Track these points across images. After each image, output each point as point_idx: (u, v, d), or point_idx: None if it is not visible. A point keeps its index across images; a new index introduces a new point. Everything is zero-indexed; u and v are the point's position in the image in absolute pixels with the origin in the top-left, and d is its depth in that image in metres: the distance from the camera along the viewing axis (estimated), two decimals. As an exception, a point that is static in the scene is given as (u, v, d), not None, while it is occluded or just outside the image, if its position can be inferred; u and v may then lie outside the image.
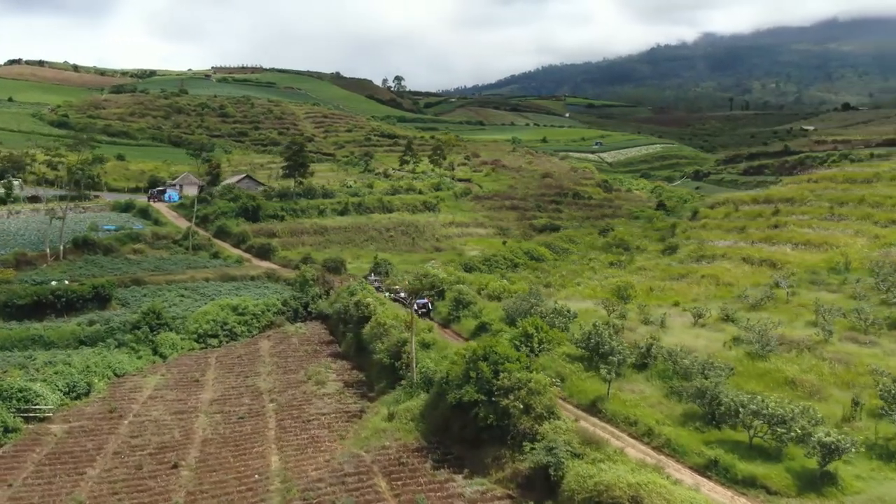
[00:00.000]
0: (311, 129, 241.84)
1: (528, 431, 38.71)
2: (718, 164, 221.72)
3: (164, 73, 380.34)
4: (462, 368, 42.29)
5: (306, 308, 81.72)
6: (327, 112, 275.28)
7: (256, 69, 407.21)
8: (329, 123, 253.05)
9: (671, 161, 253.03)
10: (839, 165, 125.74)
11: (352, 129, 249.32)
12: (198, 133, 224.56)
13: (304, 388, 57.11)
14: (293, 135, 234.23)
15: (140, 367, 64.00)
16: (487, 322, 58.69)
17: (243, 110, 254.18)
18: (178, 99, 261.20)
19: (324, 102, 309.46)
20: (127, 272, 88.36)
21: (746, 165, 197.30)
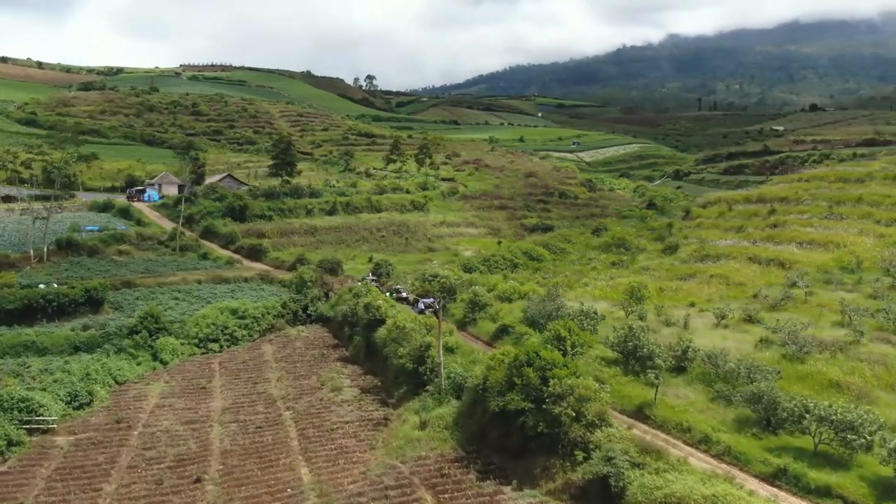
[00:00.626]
0: (286, 128, 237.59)
1: (579, 440, 37.07)
2: (698, 163, 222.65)
3: (131, 70, 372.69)
4: (503, 374, 40.49)
5: (305, 311, 79.24)
6: (302, 111, 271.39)
7: (226, 67, 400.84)
8: (305, 122, 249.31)
9: (649, 161, 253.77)
10: (829, 165, 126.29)
11: (328, 128, 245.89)
12: (171, 132, 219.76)
13: (319, 395, 54.85)
14: (269, 133, 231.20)
15: (141, 374, 61.16)
16: (508, 325, 56.87)
17: (217, 108, 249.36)
18: (150, 97, 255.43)
19: (297, 101, 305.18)
20: (116, 274, 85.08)
21: (727, 165, 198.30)
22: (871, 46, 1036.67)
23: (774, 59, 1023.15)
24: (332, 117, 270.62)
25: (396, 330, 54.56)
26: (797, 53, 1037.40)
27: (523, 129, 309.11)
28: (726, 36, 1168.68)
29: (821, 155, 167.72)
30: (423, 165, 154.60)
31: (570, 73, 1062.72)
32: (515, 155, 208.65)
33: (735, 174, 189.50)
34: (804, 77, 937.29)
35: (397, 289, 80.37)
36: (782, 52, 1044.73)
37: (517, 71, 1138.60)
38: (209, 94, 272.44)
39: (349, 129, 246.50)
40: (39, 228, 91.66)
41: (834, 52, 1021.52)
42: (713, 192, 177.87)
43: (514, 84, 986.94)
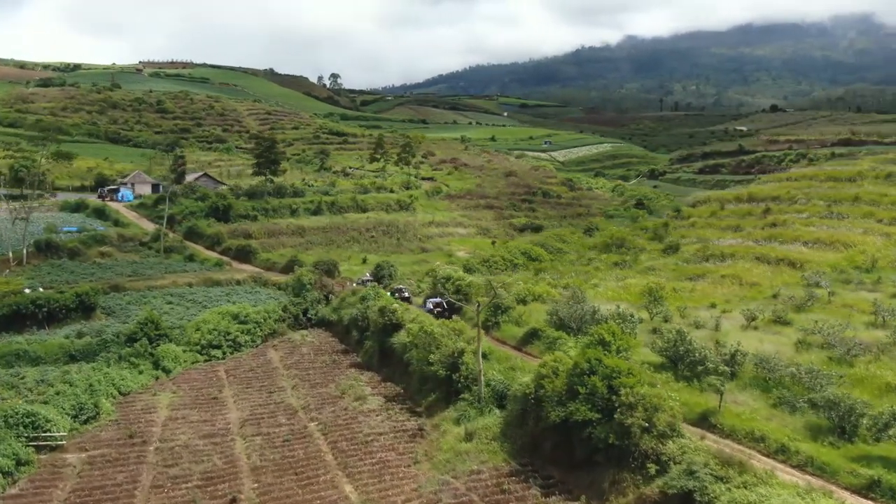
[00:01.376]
0: (255, 127, 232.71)
1: (650, 452, 35.11)
2: (672, 163, 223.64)
3: (88, 66, 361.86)
4: (563, 383, 38.35)
5: (305, 314, 76.31)
6: (270, 109, 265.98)
7: (187, 64, 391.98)
8: (274, 121, 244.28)
9: (622, 160, 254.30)
10: (816, 164, 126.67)
11: (298, 126, 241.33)
12: (137, 129, 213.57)
13: (343, 405, 52.07)
14: (238, 132, 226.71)
15: (144, 384, 57.72)
16: (539, 329, 54.68)
17: (182, 106, 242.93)
18: (112, 93, 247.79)
19: (263, 99, 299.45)
20: (102, 277, 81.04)
21: (702, 165, 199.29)
22: (822, 49, 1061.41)
23: (729, 60, 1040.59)
24: (302, 116, 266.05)
25: (423, 335, 51.91)
26: (751, 56, 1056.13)
27: (494, 129, 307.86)
28: (682, 38, 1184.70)
29: (797, 154, 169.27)
30: (406, 165, 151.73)
31: (529, 74, 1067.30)
32: (492, 154, 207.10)
33: (711, 174, 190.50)
34: (758, 79, 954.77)
35: (399, 289, 78.07)
36: (736, 55, 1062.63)
37: (477, 71, 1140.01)
38: (174, 92, 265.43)
39: (320, 127, 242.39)
40: (15, 229, 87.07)
41: (786, 54, 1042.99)
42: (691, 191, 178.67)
43: (475, 84, 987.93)
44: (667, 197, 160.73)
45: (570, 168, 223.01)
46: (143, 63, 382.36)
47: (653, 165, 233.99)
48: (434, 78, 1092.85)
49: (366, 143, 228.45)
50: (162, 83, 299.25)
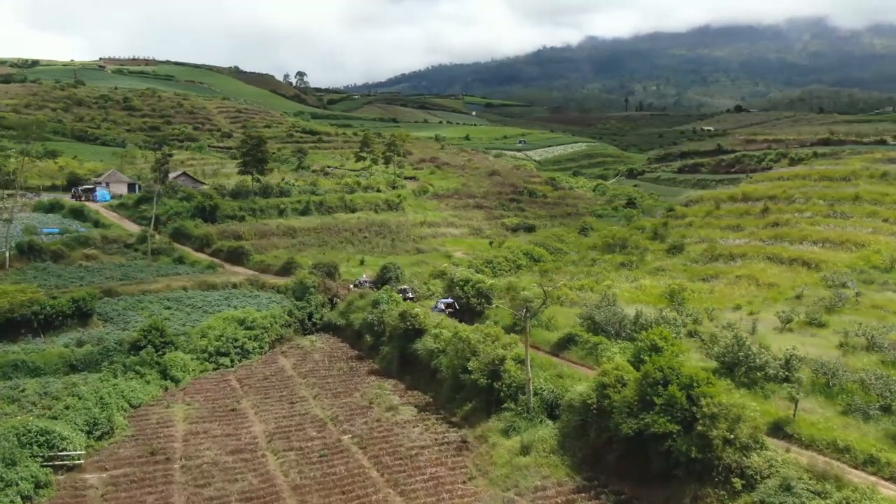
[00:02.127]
0: (226, 125, 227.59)
1: (734, 465, 33.22)
2: (650, 162, 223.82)
3: (48, 62, 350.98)
4: (633, 393, 36.31)
5: (310, 318, 73.45)
6: (241, 107, 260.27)
7: (150, 61, 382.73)
8: (245, 119, 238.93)
9: (598, 159, 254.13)
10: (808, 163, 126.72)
11: (270, 125, 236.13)
12: (104, 127, 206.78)
13: (373, 415, 49.41)
14: (209, 130, 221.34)
15: (154, 395, 54.41)
16: (575, 333, 52.54)
17: (150, 104, 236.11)
18: (76, 90, 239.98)
19: (232, 97, 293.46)
20: (93, 281, 76.91)
21: (681, 164, 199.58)
22: (777, 51, 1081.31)
23: (688, 62, 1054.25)
24: (273, 114, 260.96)
25: (458, 341, 49.49)
26: (709, 57, 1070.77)
27: (468, 128, 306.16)
28: (641, 39, 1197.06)
29: (777, 154, 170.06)
30: (391, 164, 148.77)
31: (491, 73, 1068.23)
32: (471, 153, 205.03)
33: (691, 173, 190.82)
34: (717, 80, 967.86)
35: (403, 290, 75.80)
36: (695, 56, 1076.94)
37: (439, 70, 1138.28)
38: (140, 89, 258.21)
39: (292, 126, 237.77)
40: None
41: (743, 56, 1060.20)
42: (672, 190, 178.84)
43: (437, 83, 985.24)
44: (651, 196, 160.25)
45: (547, 167, 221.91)
46: (104, 60, 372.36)
47: (629, 165, 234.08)
48: (396, 77, 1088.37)
49: (341, 142, 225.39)
50: (126, 80, 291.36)
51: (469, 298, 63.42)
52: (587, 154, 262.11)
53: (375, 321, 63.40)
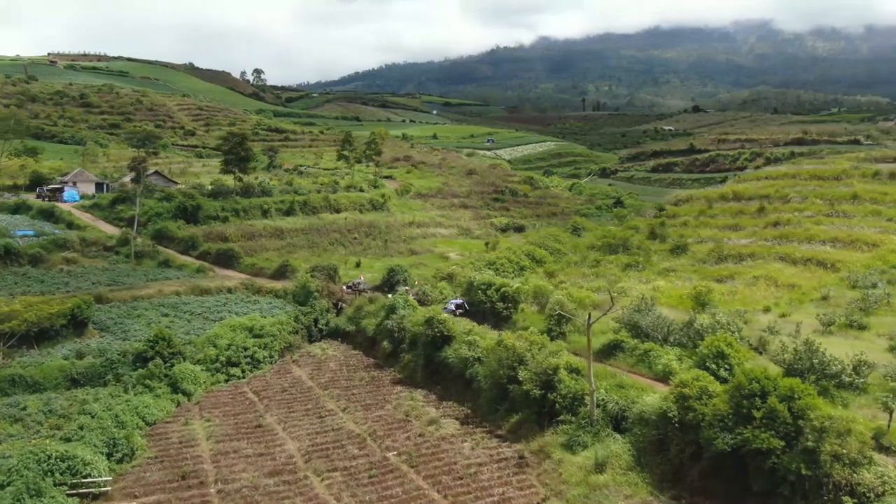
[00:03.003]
0: (189, 123, 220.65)
1: (844, 483, 31.13)
2: (622, 161, 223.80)
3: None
4: (725, 405, 34.00)
5: (315, 324, 69.95)
6: (202, 104, 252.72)
7: (102, 57, 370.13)
8: (208, 116, 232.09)
9: (568, 159, 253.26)
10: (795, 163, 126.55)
11: (234, 122, 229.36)
12: (61, 124, 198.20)
13: (414, 430, 46.29)
14: (171, 128, 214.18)
15: (168, 411, 50.49)
16: (621, 339, 50.10)
17: (108, 100, 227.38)
18: (29, 86, 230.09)
19: (192, 94, 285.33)
20: (79, 287, 72.13)
21: (655, 163, 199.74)
22: (725, 53, 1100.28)
23: (639, 63, 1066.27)
24: (235, 111, 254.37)
25: (503, 350, 46.70)
26: (660, 58, 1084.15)
27: (434, 127, 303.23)
28: (593, 40, 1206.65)
29: (752, 153, 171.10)
30: (371, 163, 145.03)
31: (445, 73, 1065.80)
32: (444, 152, 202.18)
33: (665, 172, 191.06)
34: (667, 80, 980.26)
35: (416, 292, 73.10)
36: (646, 57, 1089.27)
37: (393, 69, 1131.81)
38: (96, 85, 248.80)
39: (257, 123, 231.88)
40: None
41: (692, 57, 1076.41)
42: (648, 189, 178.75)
43: (391, 82, 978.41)
44: (630, 195, 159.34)
45: (518, 166, 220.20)
46: (54, 55, 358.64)
47: (599, 164, 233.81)
48: (350, 76, 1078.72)
49: (308, 140, 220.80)
50: (80, 76, 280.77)
51: (494, 303, 60.56)
52: (557, 153, 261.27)
53: (396, 328, 60.19)
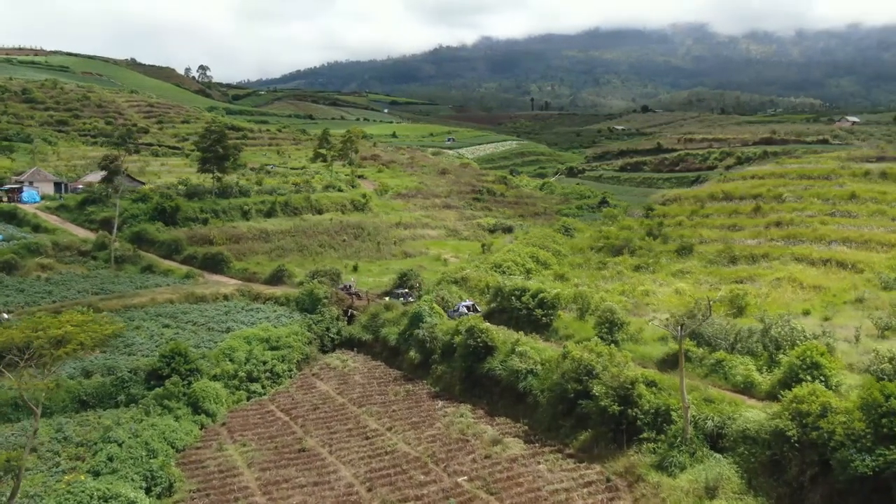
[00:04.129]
0: (141, 120, 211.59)
1: None
2: (588, 160, 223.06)
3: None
4: (862, 423, 31.31)
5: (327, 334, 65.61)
6: (152, 101, 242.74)
7: (39, 51, 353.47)
8: (160, 114, 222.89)
9: (531, 158, 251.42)
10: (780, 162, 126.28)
11: (188, 120, 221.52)
12: (4, 121, 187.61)
13: (478, 451, 42.49)
14: (122, 125, 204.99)
15: (196, 435, 45.73)
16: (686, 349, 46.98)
17: (53, 96, 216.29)
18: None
19: (140, 90, 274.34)
20: (65, 297, 66.36)
21: (623, 162, 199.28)
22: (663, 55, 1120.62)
23: (580, 63, 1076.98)
24: (188, 109, 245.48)
25: (570, 362, 43.39)
26: (600, 59, 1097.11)
27: (393, 125, 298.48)
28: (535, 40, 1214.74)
29: (721, 153, 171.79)
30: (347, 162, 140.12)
31: (388, 71, 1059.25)
32: (409, 151, 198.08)
33: (634, 171, 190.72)
34: (608, 81, 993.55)
35: (404, 293, 70.16)
36: (587, 58, 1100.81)
37: (335, 67, 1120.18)
38: (38, 80, 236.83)
39: (212, 121, 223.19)
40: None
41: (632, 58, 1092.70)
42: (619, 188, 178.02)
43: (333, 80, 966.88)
44: (604, 194, 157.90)
45: (484, 165, 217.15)
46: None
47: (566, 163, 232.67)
48: (291, 73, 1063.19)
49: (267, 139, 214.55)
50: (19, 70, 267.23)
51: (532, 310, 57.16)
52: (520, 152, 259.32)
53: (427, 337, 56.32)
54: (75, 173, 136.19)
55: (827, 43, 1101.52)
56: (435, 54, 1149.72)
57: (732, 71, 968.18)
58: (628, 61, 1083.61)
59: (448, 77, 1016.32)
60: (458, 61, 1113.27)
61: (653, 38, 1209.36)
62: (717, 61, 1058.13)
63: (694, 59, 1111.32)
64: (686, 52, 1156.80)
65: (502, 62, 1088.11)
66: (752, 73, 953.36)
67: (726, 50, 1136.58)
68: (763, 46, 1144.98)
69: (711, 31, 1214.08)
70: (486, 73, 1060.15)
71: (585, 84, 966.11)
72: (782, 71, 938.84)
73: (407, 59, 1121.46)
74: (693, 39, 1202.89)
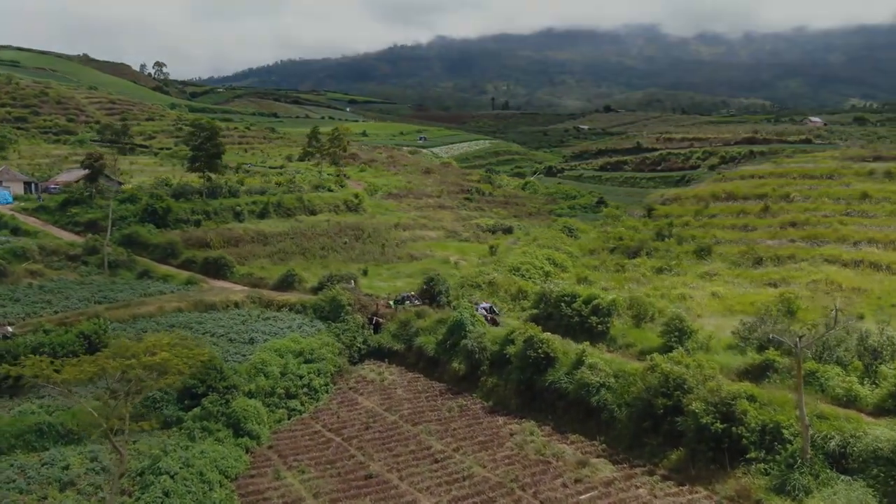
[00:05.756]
0: (103, 117, 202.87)
1: None
2: (567, 159, 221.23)
3: None
4: None
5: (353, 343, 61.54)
6: (113, 98, 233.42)
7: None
8: (123, 111, 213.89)
9: (506, 157, 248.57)
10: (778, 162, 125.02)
11: (153, 117, 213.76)
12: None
13: (566, 475, 38.95)
14: (85, 122, 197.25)
15: (246, 461, 41.41)
16: (773, 359, 44.21)
17: (9, 91, 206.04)
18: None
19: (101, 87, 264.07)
20: (67, 306, 61.09)
21: (603, 161, 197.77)
22: (616, 55, 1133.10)
23: (535, 63, 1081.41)
24: (151, 106, 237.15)
25: (659, 375, 40.22)
26: (555, 59, 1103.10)
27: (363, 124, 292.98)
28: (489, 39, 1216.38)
29: (704, 153, 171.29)
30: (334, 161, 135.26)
31: (343, 70, 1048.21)
32: (387, 150, 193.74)
33: (614, 171, 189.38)
34: (563, 81, 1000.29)
35: (410, 296, 66.89)
36: (542, 58, 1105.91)
37: (288, 66, 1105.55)
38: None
39: (178, 119, 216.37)
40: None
41: (587, 59, 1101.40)
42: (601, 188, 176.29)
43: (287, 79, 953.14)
44: (590, 194, 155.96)
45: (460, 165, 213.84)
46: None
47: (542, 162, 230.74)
48: (244, 71, 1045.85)
49: (237, 137, 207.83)
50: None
51: (585, 317, 53.87)
52: (494, 151, 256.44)
53: (476, 347, 52.64)
54: (41, 172, 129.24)
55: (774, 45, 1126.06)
56: (390, 53, 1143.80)
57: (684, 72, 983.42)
58: (583, 61, 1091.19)
59: (403, 76, 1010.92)
60: (413, 60, 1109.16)
61: (606, 39, 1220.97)
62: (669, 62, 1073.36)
63: (646, 59, 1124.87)
64: (638, 53, 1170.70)
65: (458, 62, 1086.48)
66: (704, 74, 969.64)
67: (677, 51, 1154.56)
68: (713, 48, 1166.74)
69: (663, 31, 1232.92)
70: (442, 72, 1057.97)
71: (541, 84, 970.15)
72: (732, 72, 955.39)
73: (361, 58, 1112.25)
74: (645, 40, 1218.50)
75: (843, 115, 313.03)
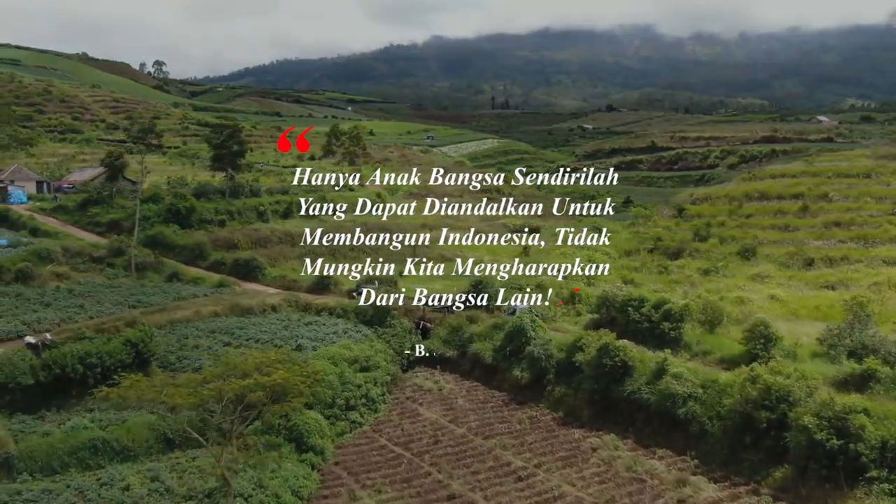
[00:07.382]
0: (109, 116, 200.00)
1: None
2: (579, 159, 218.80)
3: None
4: None
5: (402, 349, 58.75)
6: (118, 97, 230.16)
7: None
8: (128, 109, 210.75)
9: (515, 156, 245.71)
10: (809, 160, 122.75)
11: (159, 116, 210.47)
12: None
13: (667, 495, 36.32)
14: (90, 121, 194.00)
15: (315, 480, 38.55)
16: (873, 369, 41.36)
17: (12, 90, 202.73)
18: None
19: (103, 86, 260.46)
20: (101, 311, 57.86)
21: (618, 161, 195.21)
22: (613, 55, 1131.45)
23: (532, 63, 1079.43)
24: (156, 104, 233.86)
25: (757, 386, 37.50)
26: (551, 59, 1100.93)
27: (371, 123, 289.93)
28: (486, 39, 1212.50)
29: (723, 152, 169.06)
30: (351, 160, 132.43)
31: (340, 70, 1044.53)
32: (397, 149, 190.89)
33: (629, 170, 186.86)
34: (559, 81, 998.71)
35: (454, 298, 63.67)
36: (539, 58, 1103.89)
37: (285, 65, 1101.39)
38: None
39: (183, 117, 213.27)
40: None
41: (583, 59, 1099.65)
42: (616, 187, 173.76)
43: (283, 78, 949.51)
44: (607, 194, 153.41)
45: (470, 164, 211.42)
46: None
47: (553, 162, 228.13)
48: (240, 71, 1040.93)
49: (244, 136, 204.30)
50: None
51: (657, 323, 51.08)
52: (503, 150, 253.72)
53: (542, 355, 49.84)
54: (49, 171, 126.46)
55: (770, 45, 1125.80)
56: (386, 53, 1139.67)
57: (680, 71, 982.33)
58: (579, 61, 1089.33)
59: (400, 76, 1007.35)
60: (409, 60, 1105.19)
61: (602, 39, 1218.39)
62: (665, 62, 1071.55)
63: (642, 59, 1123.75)
64: (634, 53, 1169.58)
65: (454, 61, 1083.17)
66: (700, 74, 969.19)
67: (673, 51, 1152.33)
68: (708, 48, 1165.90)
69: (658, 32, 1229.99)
70: (439, 72, 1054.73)
71: (537, 84, 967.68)
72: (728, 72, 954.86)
73: (358, 58, 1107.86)
74: (641, 40, 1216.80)
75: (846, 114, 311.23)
